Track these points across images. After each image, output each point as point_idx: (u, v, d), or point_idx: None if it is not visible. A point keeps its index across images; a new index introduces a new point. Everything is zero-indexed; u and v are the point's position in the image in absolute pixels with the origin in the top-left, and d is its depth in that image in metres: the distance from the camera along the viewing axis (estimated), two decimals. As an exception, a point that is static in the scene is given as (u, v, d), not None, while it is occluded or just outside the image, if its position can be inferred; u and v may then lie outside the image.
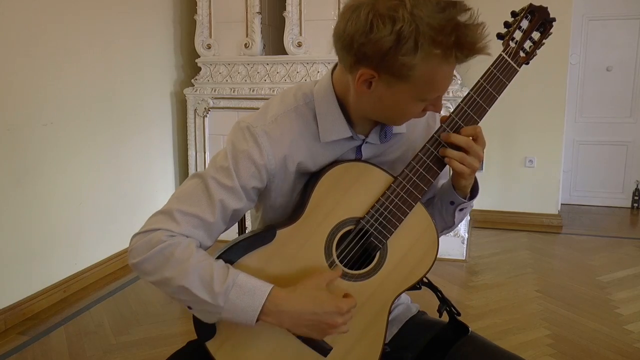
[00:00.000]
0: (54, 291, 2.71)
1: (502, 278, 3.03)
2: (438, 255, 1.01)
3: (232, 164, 0.95)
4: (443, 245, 1.33)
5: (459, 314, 1.11)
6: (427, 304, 1.24)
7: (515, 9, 1.01)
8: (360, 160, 1.03)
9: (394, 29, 0.81)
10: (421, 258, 1.00)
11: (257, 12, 3.47)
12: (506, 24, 1.00)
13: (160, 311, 2.61)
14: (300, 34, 3.42)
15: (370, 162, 1.00)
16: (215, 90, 3.57)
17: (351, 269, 0.99)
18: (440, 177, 1.05)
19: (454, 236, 3.28)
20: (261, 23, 3.52)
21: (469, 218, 3.77)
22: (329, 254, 0.97)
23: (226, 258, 0.94)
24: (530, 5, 0.99)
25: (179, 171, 3.85)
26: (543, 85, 3.89)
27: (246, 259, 0.95)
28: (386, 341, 1.01)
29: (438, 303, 1.11)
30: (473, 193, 1.07)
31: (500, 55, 0.97)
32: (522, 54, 0.98)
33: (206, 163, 3.63)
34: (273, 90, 3.45)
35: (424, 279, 1.06)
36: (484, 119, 0.98)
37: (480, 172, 2.16)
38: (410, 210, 0.97)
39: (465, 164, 0.96)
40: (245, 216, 1.23)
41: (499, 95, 0.97)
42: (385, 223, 0.97)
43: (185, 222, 0.93)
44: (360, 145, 1.03)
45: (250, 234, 1.01)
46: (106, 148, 3.08)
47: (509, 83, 0.97)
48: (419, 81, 0.87)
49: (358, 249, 0.99)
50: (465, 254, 3.32)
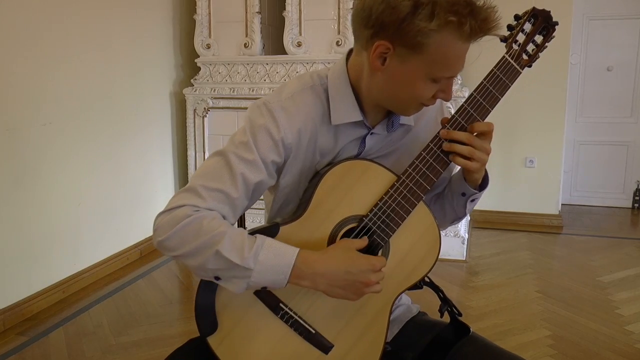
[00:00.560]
0: (53, 292, 2.71)
1: (503, 278, 3.02)
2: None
3: (251, 138, 0.97)
4: (443, 246, 1.33)
5: (460, 315, 1.11)
6: (428, 304, 1.24)
7: (518, 12, 1.02)
8: (363, 158, 1.03)
9: None
10: (423, 256, 1.01)
11: (257, 12, 3.47)
12: (509, 27, 1.01)
13: (159, 312, 2.61)
14: (300, 34, 3.42)
15: (374, 161, 1.01)
16: (214, 90, 3.56)
17: None
18: (442, 178, 1.05)
19: (454, 236, 3.27)
20: (261, 23, 3.51)
21: (469, 218, 3.77)
22: None
23: None
24: (534, 9, 1.00)
25: (178, 171, 3.85)
26: (543, 85, 3.88)
27: None
28: (387, 340, 1.01)
29: (438, 304, 1.12)
30: (483, 183, 1.08)
31: (504, 57, 0.98)
32: (525, 57, 0.99)
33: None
34: (272, 90, 3.44)
35: (426, 279, 1.07)
36: (485, 119, 0.99)
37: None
38: (412, 209, 0.98)
39: (475, 158, 0.97)
40: (244, 215, 1.22)
41: (502, 97, 0.98)
42: (388, 221, 0.97)
43: (211, 198, 0.94)
44: (365, 137, 1.04)
45: (254, 229, 1.01)
46: (105, 148, 3.08)
47: (511, 85, 0.98)
48: (432, 55, 0.89)
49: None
50: (465, 255, 3.31)
